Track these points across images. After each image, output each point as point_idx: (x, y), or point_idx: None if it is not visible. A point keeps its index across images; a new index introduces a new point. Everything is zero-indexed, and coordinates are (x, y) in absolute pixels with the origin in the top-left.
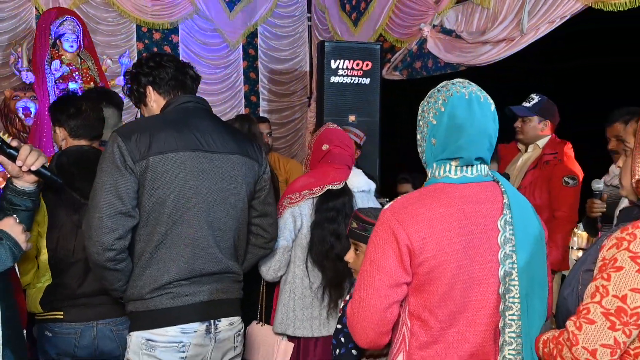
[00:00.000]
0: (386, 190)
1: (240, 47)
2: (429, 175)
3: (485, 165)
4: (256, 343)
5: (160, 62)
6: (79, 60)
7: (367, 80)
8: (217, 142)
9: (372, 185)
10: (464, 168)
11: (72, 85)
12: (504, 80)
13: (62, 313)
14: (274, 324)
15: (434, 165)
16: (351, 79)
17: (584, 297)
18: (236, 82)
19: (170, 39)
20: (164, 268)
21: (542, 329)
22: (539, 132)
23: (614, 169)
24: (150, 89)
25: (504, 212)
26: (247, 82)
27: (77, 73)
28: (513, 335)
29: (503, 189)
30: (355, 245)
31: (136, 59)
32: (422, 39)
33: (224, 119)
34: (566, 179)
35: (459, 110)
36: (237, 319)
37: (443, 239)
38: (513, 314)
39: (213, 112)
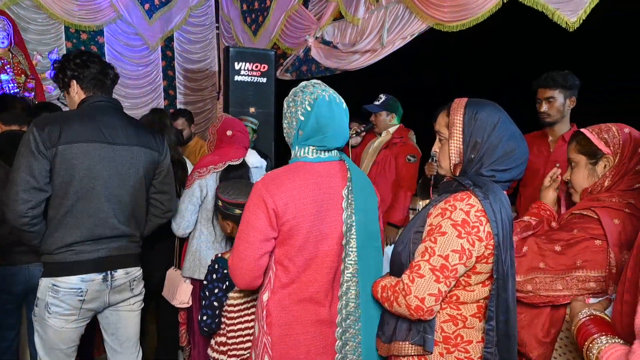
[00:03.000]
0: (279, 165)
1: (159, 49)
2: (292, 155)
3: (336, 150)
4: (169, 283)
5: (86, 62)
6: (11, 55)
7: (264, 80)
8: (121, 136)
9: (264, 163)
10: (320, 151)
11: (3, 77)
12: (369, 82)
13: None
14: (183, 270)
15: (297, 147)
16: (251, 78)
17: (415, 255)
18: (156, 78)
19: (96, 39)
20: (70, 232)
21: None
22: (388, 122)
23: None
24: (74, 82)
25: (348, 184)
26: (165, 79)
27: (8, 66)
28: (350, 275)
29: (348, 167)
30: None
31: None
32: (307, 47)
33: (146, 109)
34: (409, 157)
35: (323, 111)
36: (132, 269)
37: (300, 204)
38: (351, 260)
39: (123, 110)
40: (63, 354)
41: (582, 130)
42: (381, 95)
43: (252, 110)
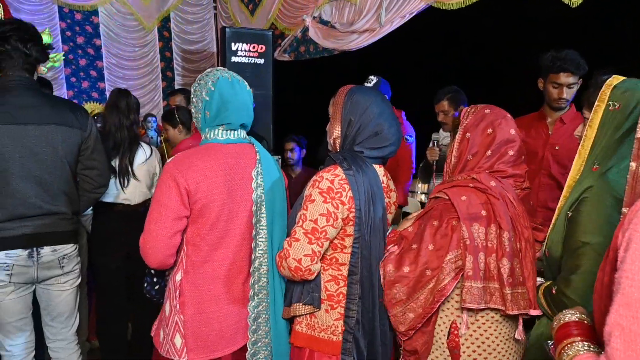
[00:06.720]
0: (278, 148)
1: (156, 29)
2: (203, 137)
3: (244, 131)
4: None
5: (4, 34)
6: None
7: (262, 61)
8: (33, 116)
9: None
10: (229, 132)
11: None
12: (369, 62)
13: None
14: None
15: (207, 130)
16: (249, 59)
17: (295, 223)
18: (153, 59)
19: (91, 19)
20: None
21: None
22: None
23: (442, 133)
24: None
25: (257, 165)
26: (163, 60)
27: None
28: (261, 252)
29: (257, 149)
30: None
31: (59, 37)
32: (305, 27)
33: (143, 91)
34: (406, 136)
35: (225, 89)
36: (62, 247)
37: (212, 183)
38: (262, 237)
39: (39, 89)
40: (13, 327)
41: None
42: (372, 77)
43: None
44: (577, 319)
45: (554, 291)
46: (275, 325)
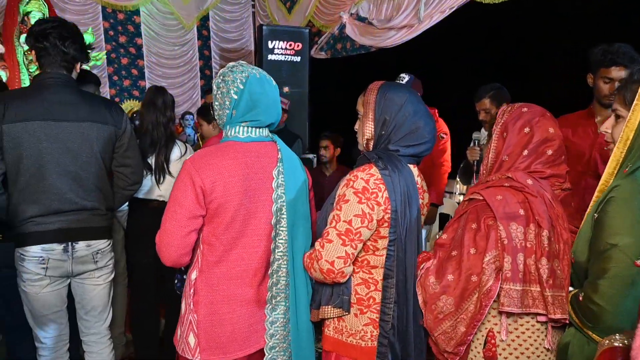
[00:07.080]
0: (314, 146)
1: (195, 28)
2: (223, 135)
3: (267, 129)
4: None
5: (44, 32)
6: None
7: (298, 59)
8: (70, 113)
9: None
10: (250, 129)
11: None
12: (405, 59)
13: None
14: None
15: (228, 127)
16: (285, 57)
17: (327, 224)
18: (192, 58)
19: (133, 19)
20: (27, 207)
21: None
22: None
23: (483, 132)
24: (34, 53)
25: (278, 164)
26: (201, 58)
27: None
28: (281, 254)
29: (279, 147)
30: None
31: (102, 36)
32: (342, 24)
33: (182, 89)
34: (441, 134)
35: (255, 88)
36: (96, 242)
37: (228, 183)
38: (282, 239)
39: (76, 86)
40: (48, 320)
41: None
42: (403, 75)
43: (285, 89)
44: (622, 345)
45: (580, 298)
46: (297, 331)
